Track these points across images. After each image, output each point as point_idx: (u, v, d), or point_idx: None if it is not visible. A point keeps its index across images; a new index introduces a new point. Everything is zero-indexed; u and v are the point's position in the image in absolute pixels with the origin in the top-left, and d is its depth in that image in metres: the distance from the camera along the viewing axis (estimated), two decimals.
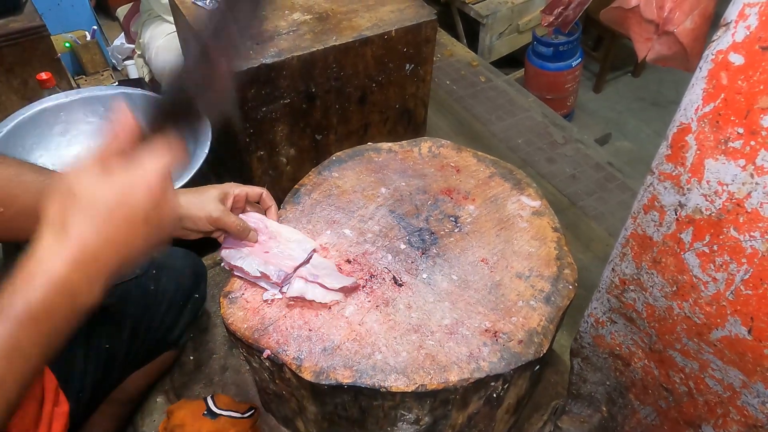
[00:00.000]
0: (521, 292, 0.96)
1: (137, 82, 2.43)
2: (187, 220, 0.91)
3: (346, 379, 0.84)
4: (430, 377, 0.84)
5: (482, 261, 1.01)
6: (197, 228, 0.93)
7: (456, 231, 1.06)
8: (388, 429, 0.94)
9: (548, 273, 0.99)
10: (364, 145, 1.25)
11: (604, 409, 0.99)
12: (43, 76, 1.66)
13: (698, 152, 0.61)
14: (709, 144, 0.59)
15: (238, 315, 0.93)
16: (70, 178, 0.53)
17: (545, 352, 0.89)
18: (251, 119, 1.40)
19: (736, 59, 0.55)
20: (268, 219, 1.02)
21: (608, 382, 0.94)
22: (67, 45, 2.50)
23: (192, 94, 0.60)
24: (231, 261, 0.95)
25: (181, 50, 1.80)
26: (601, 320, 0.87)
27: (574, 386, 1.01)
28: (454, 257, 1.01)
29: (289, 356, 0.87)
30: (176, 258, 1.14)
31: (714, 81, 0.57)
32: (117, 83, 2.47)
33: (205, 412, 1.02)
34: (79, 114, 1.65)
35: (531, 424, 1.19)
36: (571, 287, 0.97)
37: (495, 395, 0.92)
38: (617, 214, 2.02)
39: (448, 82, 2.61)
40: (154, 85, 2.39)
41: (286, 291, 0.93)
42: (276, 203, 1.05)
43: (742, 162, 0.57)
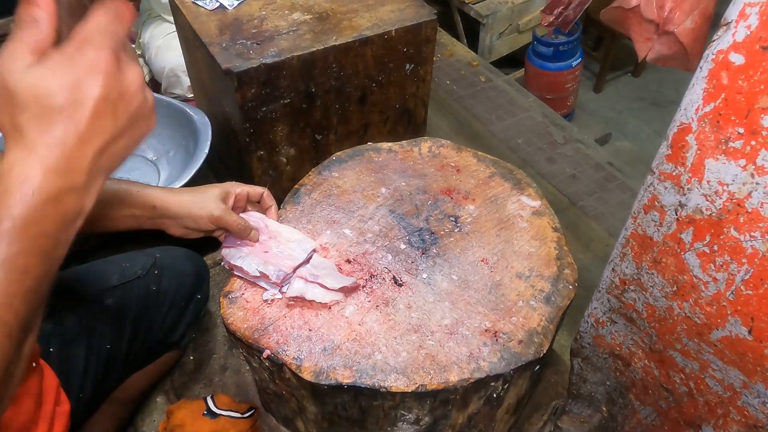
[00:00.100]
0: (521, 292, 0.96)
1: None
2: (188, 219, 0.91)
3: (346, 379, 0.84)
4: (430, 377, 0.84)
5: (482, 261, 1.01)
6: (198, 227, 0.93)
7: (456, 231, 1.06)
8: (388, 429, 0.94)
9: (548, 273, 0.99)
10: (364, 145, 1.25)
11: (604, 409, 0.99)
12: None
13: (699, 152, 0.61)
14: (710, 144, 0.59)
15: (238, 315, 0.93)
16: (2, 76, 0.44)
17: (545, 352, 0.89)
18: (251, 119, 1.40)
19: (736, 59, 0.55)
20: (268, 219, 1.02)
21: (608, 382, 0.94)
22: None
23: None
24: (231, 260, 0.95)
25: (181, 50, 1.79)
26: (601, 320, 0.87)
27: (574, 386, 1.01)
28: (454, 257, 1.01)
29: (289, 356, 0.87)
30: (178, 259, 1.14)
31: (714, 81, 0.57)
32: None
33: (205, 412, 1.02)
34: None
35: (531, 424, 1.19)
36: (571, 287, 0.97)
37: (495, 395, 0.92)
38: (617, 214, 2.02)
39: (448, 82, 2.61)
40: (154, 84, 2.39)
41: (286, 291, 0.93)
42: (276, 203, 1.05)
43: (742, 162, 0.57)
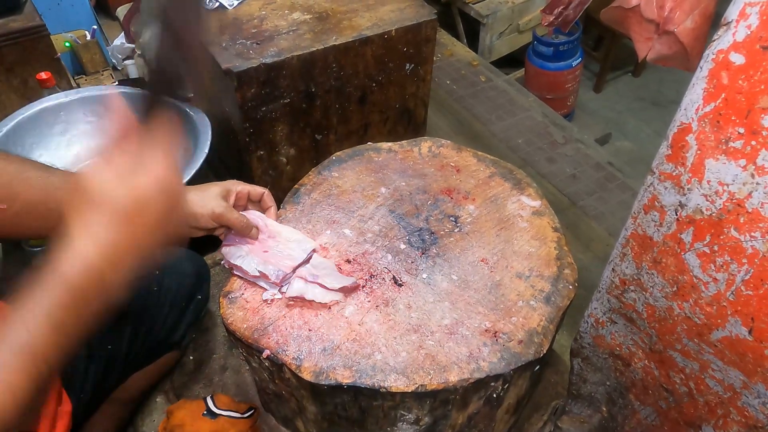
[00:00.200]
0: (521, 292, 0.96)
1: (137, 82, 2.43)
2: (190, 217, 0.91)
3: (345, 380, 0.84)
4: (429, 377, 0.84)
5: (482, 261, 1.01)
6: (200, 225, 0.93)
7: (456, 231, 1.06)
8: (388, 429, 0.94)
9: (548, 273, 0.99)
10: (364, 144, 1.25)
11: (604, 409, 0.99)
12: (43, 75, 1.66)
13: (699, 152, 0.61)
14: (710, 144, 0.59)
15: (238, 315, 0.92)
16: (86, 183, 0.56)
17: (545, 352, 0.89)
18: (251, 119, 1.40)
19: (736, 59, 0.55)
20: (268, 218, 1.02)
21: (608, 383, 0.94)
22: (67, 44, 2.50)
23: (172, 71, 0.62)
24: (230, 259, 0.95)
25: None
26: (601, 320, 0.87)
27: (574, 386, 1.01)
28: (454, 257, 1.01)
29: (288, 356, 0.87)
30: (179, 259, 1.14)
31: (715, 81, 0.57)
32: (117, 83, 2.47)
33: (205, 412, 1.02)
34: (79, 114, 1.65)
35: (531, 424, 1.19)
36: (571, 287, 0.97)
37: (495, 395, 0.92)
38: (617, 214, 2.02)
39: (448, 82, 2.61)
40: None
41: (285, 291, 0.93)
42: (276, 204, 1.05)
43: (742, 162, 0.57)
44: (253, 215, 1.00)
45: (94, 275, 0.54)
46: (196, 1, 0.65)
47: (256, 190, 1.01)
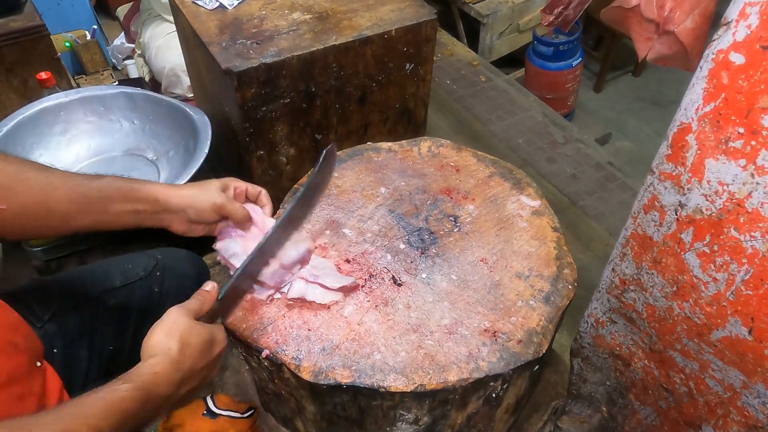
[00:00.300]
0: (521, 291, 0.96)
1: (137, 82, 2.43)
2: (192, 210, 0.92)
3: (344, 379, 0.84)
4: (429, 377, 0.84)
5: (482, 261, 1.01)
6: (201, 218, 0.93)
7: (455, 231, 1.06)
8: (387, 429, 0.94)
9: (548, 273, 0.99)
10: (364, 144, 1.25)
11: (604, 409, 0.99)
12: (43, 75, 1.66)
13: (699, 152, 0.61)
14: (710, 144, 0.59)
15: (237, 314, 0.92)
16: (179, 336, 0.73)
17: (545, 352, 0.89)
18: (251, 119, 1.39)
19: (736, 59, 0.54)
20: (264, 216, 1.02)
21: (608, 383, 0.94)
22: (67, 44, 2.50)
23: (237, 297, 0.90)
24: (225, 255, 0.95)
25: (183, 55, 1.80)
26: (601, 320, 0.87)
27: (574, 386, 1.01)
28: (453, 257, 1.01)
29: (287, 356, 0.87)
30: (180, 260, 1.14)
31: (715, 80, 0.57)
32: (117, 83, 2.47)
33: (205, 412, 1.02)
34: (78, 113, 1.65)
35: (531, 424, 1.18)
36: (570, 287, 0.97)
37: (494, 395, 0.92)
38: (617, 214, 2.02)
39: (448, 82, 2.61)
40: (154, 84, 2.39)
41: (286, 292, 0.93)
42: (275, 203, 1.05)
43: (742, 162, 0.57)
44: (250, 208, 1.00)
45: (157, 402, 0.69)
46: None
47: (253, 188, 1.01)
